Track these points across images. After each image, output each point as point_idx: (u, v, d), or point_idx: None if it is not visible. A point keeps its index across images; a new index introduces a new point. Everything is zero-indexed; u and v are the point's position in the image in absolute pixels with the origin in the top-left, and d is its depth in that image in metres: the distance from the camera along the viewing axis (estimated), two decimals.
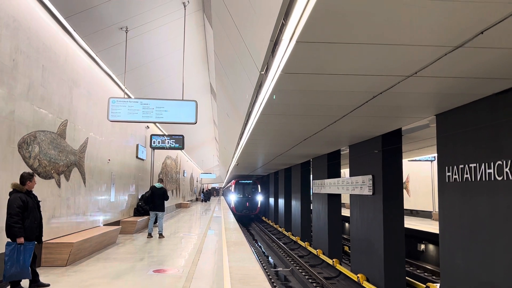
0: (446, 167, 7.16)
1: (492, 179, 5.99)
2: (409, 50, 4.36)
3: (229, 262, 8.15)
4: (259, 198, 36.34)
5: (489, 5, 3.32)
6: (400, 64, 4.82)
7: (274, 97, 5.90)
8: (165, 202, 12.84)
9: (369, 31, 3.91)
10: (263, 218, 36.36)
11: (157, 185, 12.70)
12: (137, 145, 15.30)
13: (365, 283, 10.56)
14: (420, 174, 21.06)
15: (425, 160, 20.02)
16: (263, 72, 5.51)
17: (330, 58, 4.69)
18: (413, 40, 4.10)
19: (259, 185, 36.84)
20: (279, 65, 5.12)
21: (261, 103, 7.35)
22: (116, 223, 12.48)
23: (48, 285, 6.03)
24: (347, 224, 23.10)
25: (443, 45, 4.18)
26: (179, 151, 26.82)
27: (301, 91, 6.13)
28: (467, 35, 3.89)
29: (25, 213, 5.63)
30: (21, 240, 5.51)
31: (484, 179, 6.17)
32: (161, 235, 12.15)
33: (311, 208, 18.18)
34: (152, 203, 12.59)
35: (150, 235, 12.23)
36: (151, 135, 17.09)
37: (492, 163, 6.00)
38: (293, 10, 3.67)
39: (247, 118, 9.04)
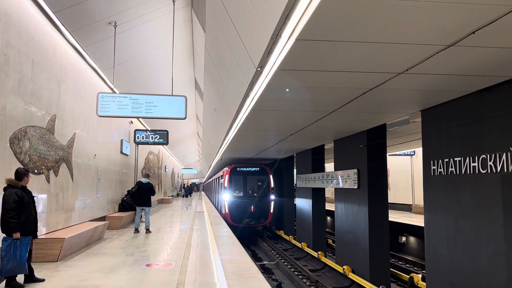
0: (431, 161, 7.42)
1: (477, 172, 6.25)
2: (402, 48, 4.53)
3: (220, 256, 8.26)
4: (272, 197, 21.24)
5: (482, 6, 3.51)
6: (392, 61, 5.00)
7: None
8: (151, 197, 12.86)
9: (367, 29, 4.06)
10: (278, 231, 21.48)
11: (144, 180, 12.69)
12: (122, 140, 15.21)
13: (350, 275, 10.83)
14: (400, 168, 21.54)
15: (404, 155, 20.51)
16: (259, 69, 5.62)
17: (326, 56, 4.83)
18: (407, 39, 4.27)
19: (271, 176, 21.51)
20: (275, 62, 5.23)
21: (252, 99, 7.45)
22: (102, 218, 12.43)
23: (43, 280, 6.04)
24: (328, 218, 23.47)
25: (436, 44, 4.36)
26: (161, 146, 26.72)
27: (294, 87, 6.27)
28: (459, 35, 4.09)
29: (21, 208, 5.62)
30: (17, 235, 5.51)
31: (468, 172, 6.44)
32: (148, 230, 12.16)
33: (295, 202, 18.35)
34: (138, 198, 12.57)
35: (137, 230, 12.23)
36: (135, 130, 17.01)
37: (476, 157, 6.26)
38: (295, 8, 3.79)
39: (237, 113, 9.14)
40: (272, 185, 21.28)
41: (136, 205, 12.74)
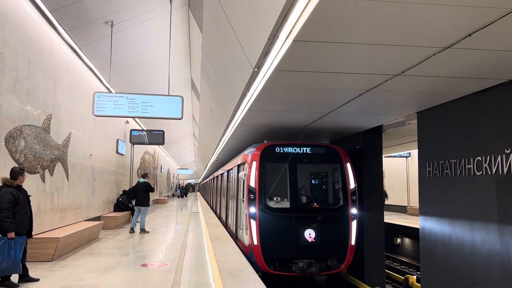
0: (427, 163, 7.44)
1: (472, 174, 6.28)
2: (399, 50, 4.54)
3: (216, 256, 8.24)
4: (354, 211, 9.24)
5: (479, 9, 3.53)
6: (389, 63, 5.02)
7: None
8: (150, 195, 12.73)
9: (363, 31, 4.08)
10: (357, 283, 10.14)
11: (141, 180, 12.61)
12: (117, 140, 15.17)
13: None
14: (396, 169, 21.58)
15: (400, 156, 20.54)
16: (256, 69, 5.63)
17: (323, 57, 4.85)
18: (404, 41, 4.29)
19: (348, 164, 9.48)
20: (272, 63, 5.23)
21: (249, 100, 7.46)
22: (97, 218, 12.39)
23: (38, 279, 6.00)
24: None
25: (432, 46, 4.38)
26: (157, 146, 26.66)
27: (290, 88, 6.28)
28: (456, 37, 4.11)
29: (16, 207, 5.59)
30: (12, 235, 5.48)
31: (464, 174, 6.46)
32: (143, 230, 12.10)
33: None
34: (135, 197, 12.54)
35: (132, 230, 12.17)
36: (131, 130, 16.98)
37: (471, 159, 6.29)
38: (293, 9, 3.79)
39: (233, 113, 9.13)
40: (353, 184, 9.58)
41: (135, 205, 12.76)
